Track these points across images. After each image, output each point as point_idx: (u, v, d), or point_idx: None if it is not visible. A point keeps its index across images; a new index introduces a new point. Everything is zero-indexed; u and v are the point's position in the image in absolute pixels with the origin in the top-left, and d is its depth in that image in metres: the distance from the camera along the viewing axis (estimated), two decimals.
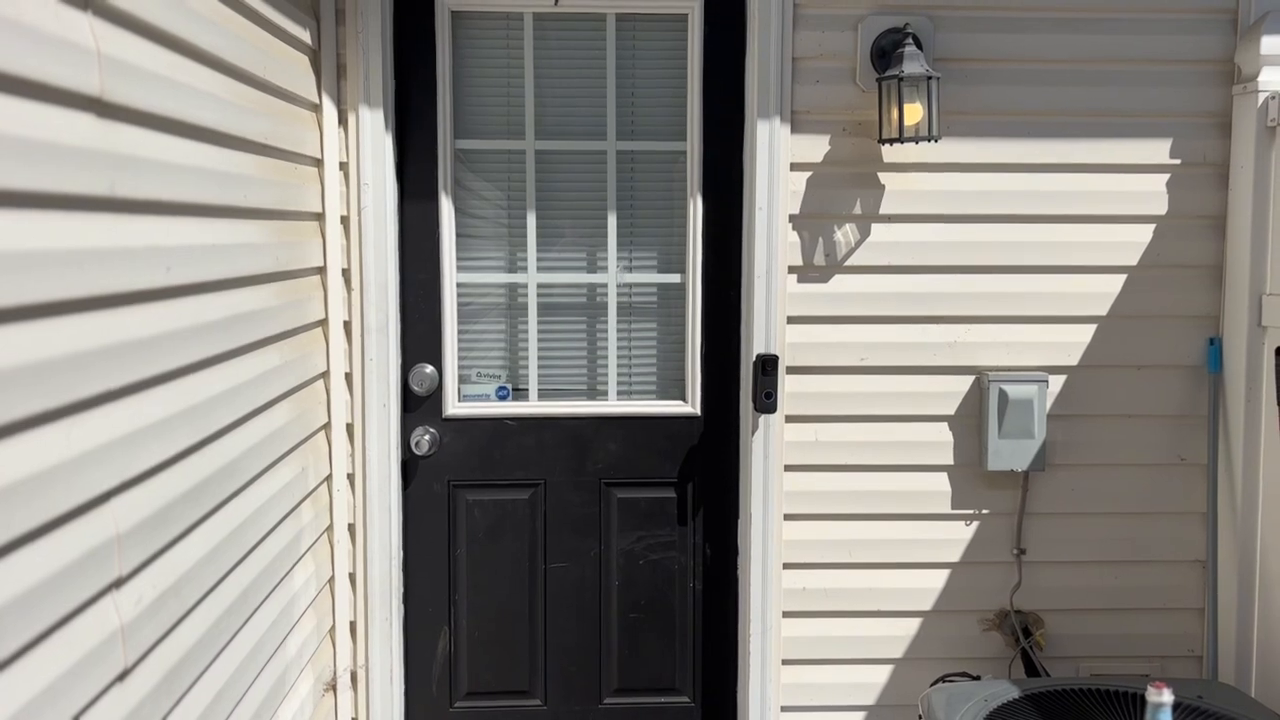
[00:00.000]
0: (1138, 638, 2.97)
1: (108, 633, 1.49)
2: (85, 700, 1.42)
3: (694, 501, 3.00)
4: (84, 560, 1.42)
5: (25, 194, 1.28)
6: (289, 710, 2.43)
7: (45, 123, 1.32)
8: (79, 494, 1.40)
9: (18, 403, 1.25)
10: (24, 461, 1.27)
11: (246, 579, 2.10)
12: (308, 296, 2.58)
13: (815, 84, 2.79)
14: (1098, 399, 2.90)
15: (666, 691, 3.04)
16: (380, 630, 2.85)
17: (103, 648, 1.47)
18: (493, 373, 2.97)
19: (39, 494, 1.30)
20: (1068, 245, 2.86)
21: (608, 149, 2.90)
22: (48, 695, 1.32)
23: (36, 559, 1.30)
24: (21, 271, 1.26)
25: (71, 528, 1.39)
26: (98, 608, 1.46)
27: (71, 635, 1.39)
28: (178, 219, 1.75)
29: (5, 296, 1.23)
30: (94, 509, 1.45)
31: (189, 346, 1.79)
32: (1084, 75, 2.81)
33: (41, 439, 1.31)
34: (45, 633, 1.32)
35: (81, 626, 1.41)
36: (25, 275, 1.27)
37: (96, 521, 1.46)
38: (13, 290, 1.24)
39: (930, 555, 2.93)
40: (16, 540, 1.26)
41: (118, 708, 1.52)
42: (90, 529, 1.44)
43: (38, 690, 1.30)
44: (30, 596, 1.28)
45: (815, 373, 2.87)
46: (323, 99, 2.69)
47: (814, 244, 2.83)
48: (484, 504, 2.96)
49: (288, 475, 2.40)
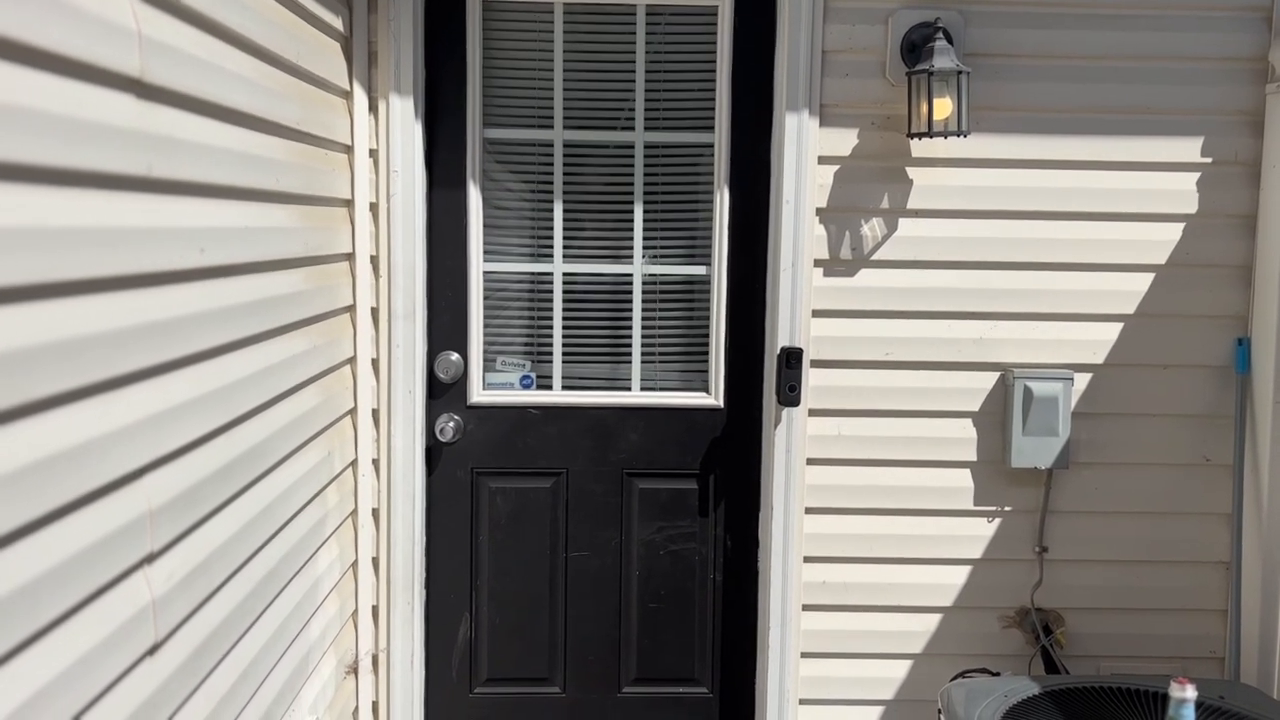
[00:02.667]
0: (1159, 638, 2.96)
1: (139, 607, 1.51)
2: (117, 672, 1.44)
3: (715, 493, 3.00)
4: (118, 535, 1.44)
5: (68, 172, 1.30)
6: (311, 691, 2.46)
7: (88, 102, 1.34)
8: (114, 469, 1.42)
9: (56, 378, 1.27)
10: (62, 436, 1.29)
11: (272, 560, 2.13)
12: (336, 282, 2.60)
13: (845, 77, 2.79)
14: (1123, 398, 2.89)
15: (685, 682, 3.05)
16: (402, 615, 2.88)
17: (135, 621, 1.49)
18: (517, 361, 2.99)
19: (76, 468, 1.32)
20: (1096, 243, 2.84)
21: (635, 140, 2.91)
22: (82, 665, 1.34)
23: (73, 532, 1.32)
24: (62, 248, 1.28)
25: (106, 502, 1.41)
26: (130, 582, 1.48)
27: (105, 608, 1.41)
28: (212, 201, 1.77)
29: (46, 272, 1.24)
30: (128, 485, 1.47)
31: (221, 328, 1.81)
32: (1115, 72, 2.80)
33: (79, 414, 1.33)
34: (80, 604, 1.34)
35: (115, 599, 1.44)
36: (65, 252, 1.29)
37: (130, 497, 1.48)
38: (53, 266, 1.26)
39: (951, 551, 2.93)
40: (54, 512, 1.28)
41: (148, 681, 1.54)
42: (124, 504, 1.46)
43: (72, 660, 1.32)
44: (67, 568, 1.31)
45: (839, 367, 2.86)
46: (354, 86, 2.70)
47: (840, 238, 2.83)
48: (506, 492, 2.98)
49: (314, 459, 2.42)
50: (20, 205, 1.19)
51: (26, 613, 1.22)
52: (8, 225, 1.17)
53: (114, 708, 1.44)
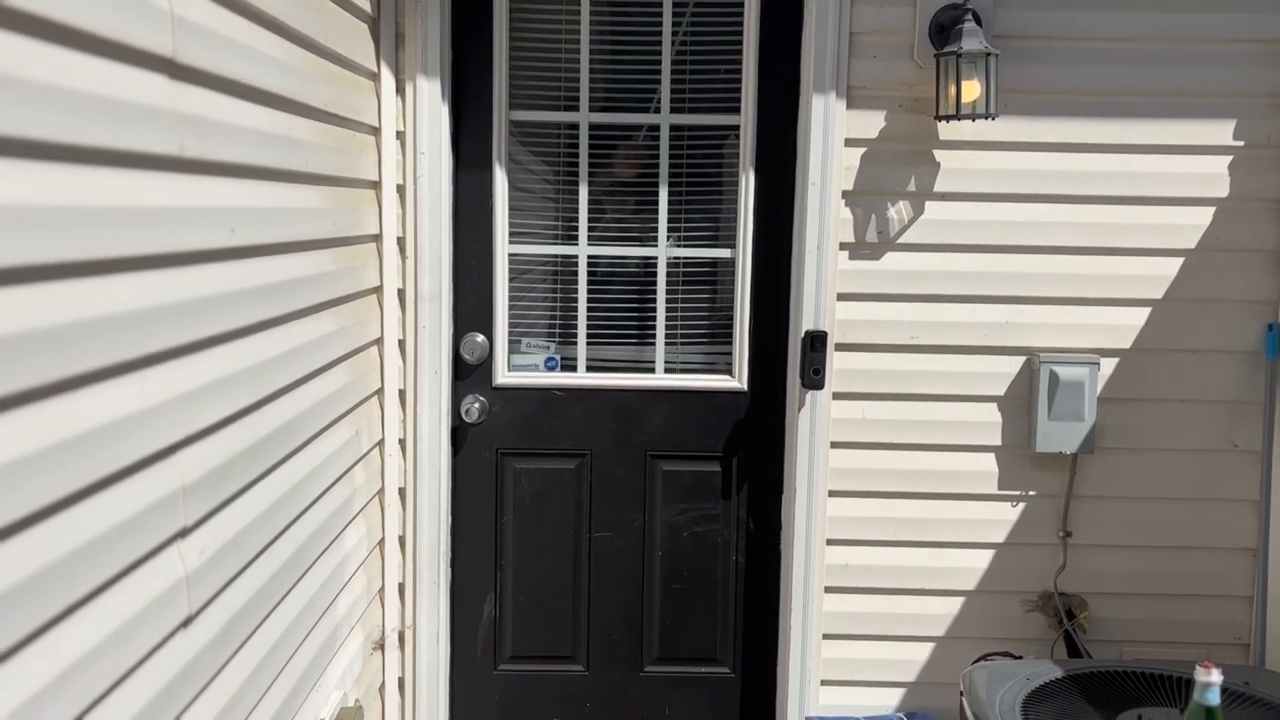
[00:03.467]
0: (1183, 624, 2.95)
1: (173, 580, 1.53)
2: (152, 644, 1.47)
3: (739, 476, 3.01)
4: (153, 510, 1.46)
5: (101, 151, 1.31)
6: (339, 666, 2.49)
7: (121, 82, 1.36)
8: (148, 445, 1.45)
9: (92, 355, 1.30)
10: (98, 412, 1.32)
11: (301, 537, 2.15)
12: (364, 263, 2.62)
13: (872, 59, 2.77)
14: (1150, 383, 2.88)
15: (707, 662, 3.07)
16: (428, 593, 2.91)
17: (169, 594, 1.52)
18: (542, 343, 3.00)
19: (112, 444, 1.35)
20: (1124, 227, 2.82)
21: (661, 122, 2.91)
22: (118, 636, 1.37)
23: (110, 506, 1.35)
24: (96, 227, 1.30)
25: (141, 477, 1.43)
26: (165, 555, 1.51)
27: (141, 581, 1.44)
28: (242, 181, 1.79)
29: (81, 251, 1.26)
30: (162, 460, 1.50)
31: (252, 307, 1.83)
32: (1146, 54, 2.77)
33: (114, 391, 1.36)
34: (117, 576, 1.37)
35: (150, 573, 1.46)
36: (99, 231, 1.31)
37: (164, 472, 1.50)
38: (88, 245, 1.28)
39: (975, 535, 2.93)
40: (92, 486, 1.30)
41: (181, 653, 1.57)
42: (158, 480, 1.48)
43: (110, 631, 1.35)
44: (104, 541, 1.33)
45: (864, 350, 2.86)
46: (381, 68, 2.72)
47: (866, 221, 2.82)
48: (531, 473, 3.00)
49: (342, 438, 2.44)
50: (56, 184, 1.21)
51: (66, 585, 1.24)
52: (44, 204, 1.19)
53: (150, 678, 1.47)
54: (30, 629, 1.18)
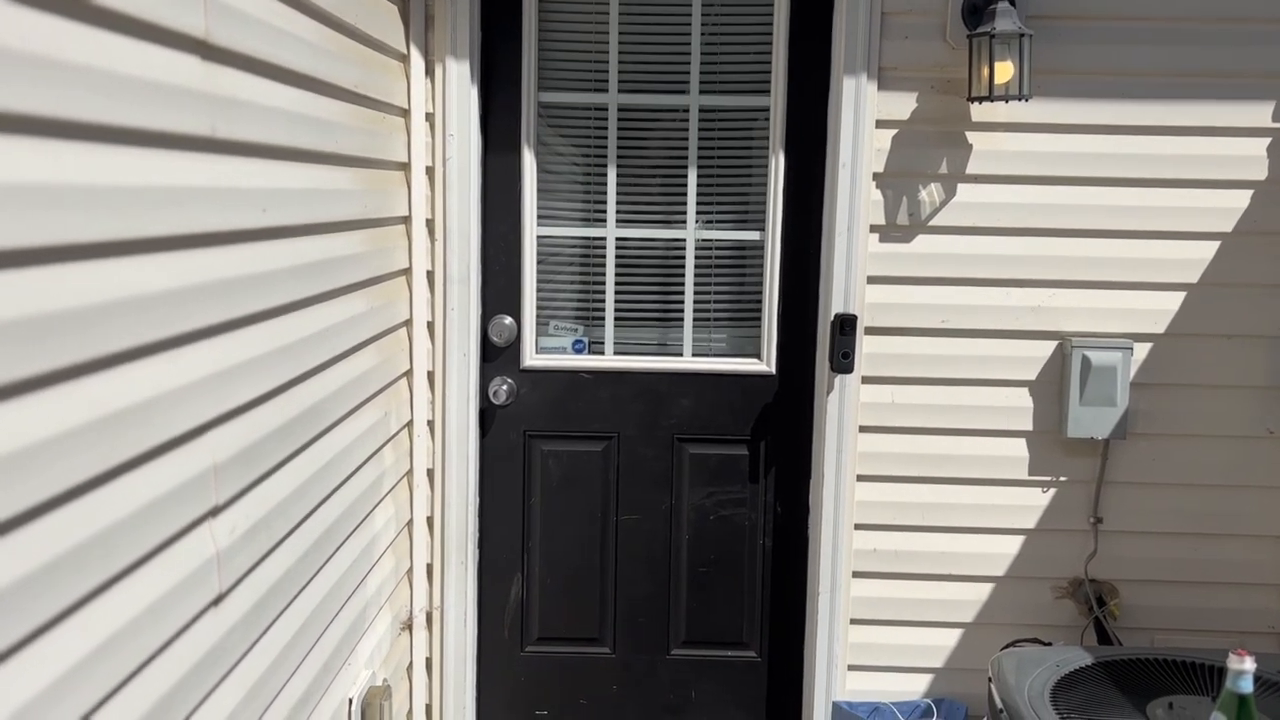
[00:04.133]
0: (1215, 612, 2.93)
1: (205, 558, 1.55)
2: (184, 621, 1.48)
3: (766, 459, 3.00)
4: (184, 487, 1.48)
5: (135, 131, 1.32)
6: (368, 646, 2.51)
7: (155, 63, 1.36)
8: (180, 424, 1.46)
9: (125, 334, 1.30)
10: (131, 391, 1.33)
11: (331, 517, 2.17)
12: (393, 245, 2.63)
13: (904, 40, 2.74)
14: (1184, 368, 2.84)
15: (734, 645, 3.07)
16: (455, 573, 2.92)
17: (200, 572, 1.53)
18: (570, 326, 3.00)
19: (145, 422, 1.36)
20: (1159, 210, 2.79)
21: (690, 104, 2.89)
22: (151, 613, 1.38)
23: (142, 484, 1.36)
24: (130, 207, 1.31)
25: (173, 456, 1.45)
26: (196, 534, 1.52)
27: (172, 559, 1.45)
28: (273, 162, 1.79)
29: (111, 231, 1.27)
30: (194, 439, 1.51)
31: (283, 287, 1.84)
32: (1181, 34, 2.73)
33: (147, 370, 1.37)
34: (150, 554, 1.38)
35: (182, 551, 1.48)
36: (133, 211, 1.32)
37: (196, 452, 1.51)
38: (118, 225, 1.29)
39: (1004, 521, 2.91)
40: (125, 464, 1.31)
41: (212, 631, 1.59)
42: (190, 459, 1.50)
43: (142, 608, 1.36)
44: (137, 518, 1.34)
45: (894, 334, 2.84)
46: (410, 49, 2.71)
47: (897, 203, 2.80)
48: (558, 455, 3.00)
49: (371, 419, 2.46)
50: (90, 165, 1.22)
51: (100, 562, 1.26)
52: (79, 184, 1.20)
53: (181, 655, 1.48)
54: (65, 605, 1.20)
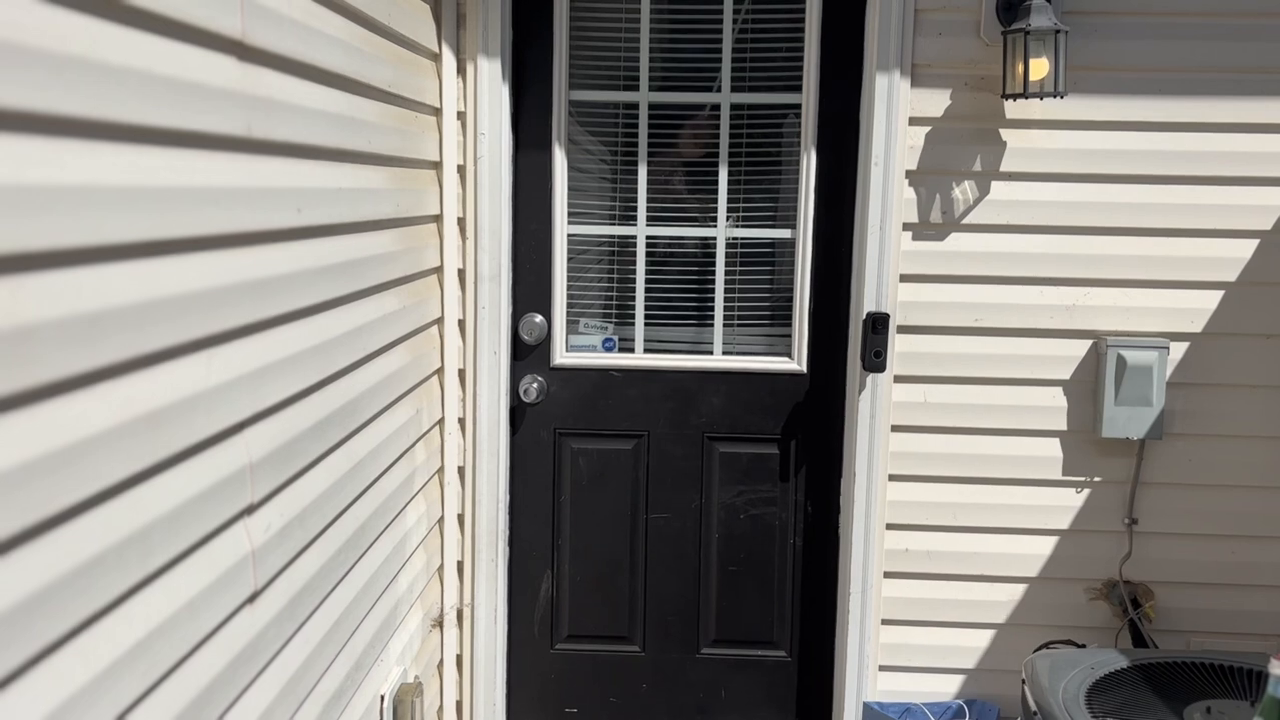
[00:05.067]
0: (1252, 614, 2.89)
1: (240, 556, 1.56)
2: (220, 618, 1.50)
3: (797, 458, 2.99)
4: (221, 485, 1.49)
5: (173, 132, 1.33)
6: (399, 642, 2.52)
7: (193, 64, 1.37)
8: (218, 422, 1.47)
9: (164, 333, 1.32)
10: (170, 389, 1.34)
11: (364, 514, 2.18)
12: (425, 243, 2.64)
13: (937, 36, 2.72)
14: (1221, 368, 2.81)
15: (763, 644, 3.06)
16: (486, 571, 2.93)
17: (236, 570, 1.54)
18: (600, 324, 3.00)
19: (183, 420, 1.37)
20: (1196, 208, 2.75)
21: (721, 101, 2.89)
22: (188, 610, 1.40)
23: (181, 482, 1.37)
24: (168, 207, 1.32)
25: (211, 454, 1.46)
26: (232, 532, 1.53)
27: (209, 555, 1.46)
28: (308, 162, 1.80)
29: (151, 230, 1.28)
30: (230, 437, 1.52)
31: (317, 286, 1.85)
32: (1218, 29, 2.69)
33: (185, 368, 1.38)
34: (186, 551, 1.39)
35: (218, 548, 1.49)
36: (171, 210, 1.33)
37: (232, 450, 1.53)
38: (160, 224, 1.30)
39: (1038, 521, 2.88)
40: (163, 463, 1.33)
41: (248, 628, 1.60)
42: (227, 456, 1.51)
43: (181, 604, 1.37)
44: (175, 516, 1.35)
45: (927, 332, 2.82)
46: (442, 48, 2.72)
47: (930, 201, 2.78)
48: (588, 453, 3.01)
49: (403, 417, 2.47)
50: (130, 165, 1.23)
51: (140, 558, 1.27)
52: (120, 184, 1.21)
53: (217, 652, 1.50)
54: (108, 600, 1.21)
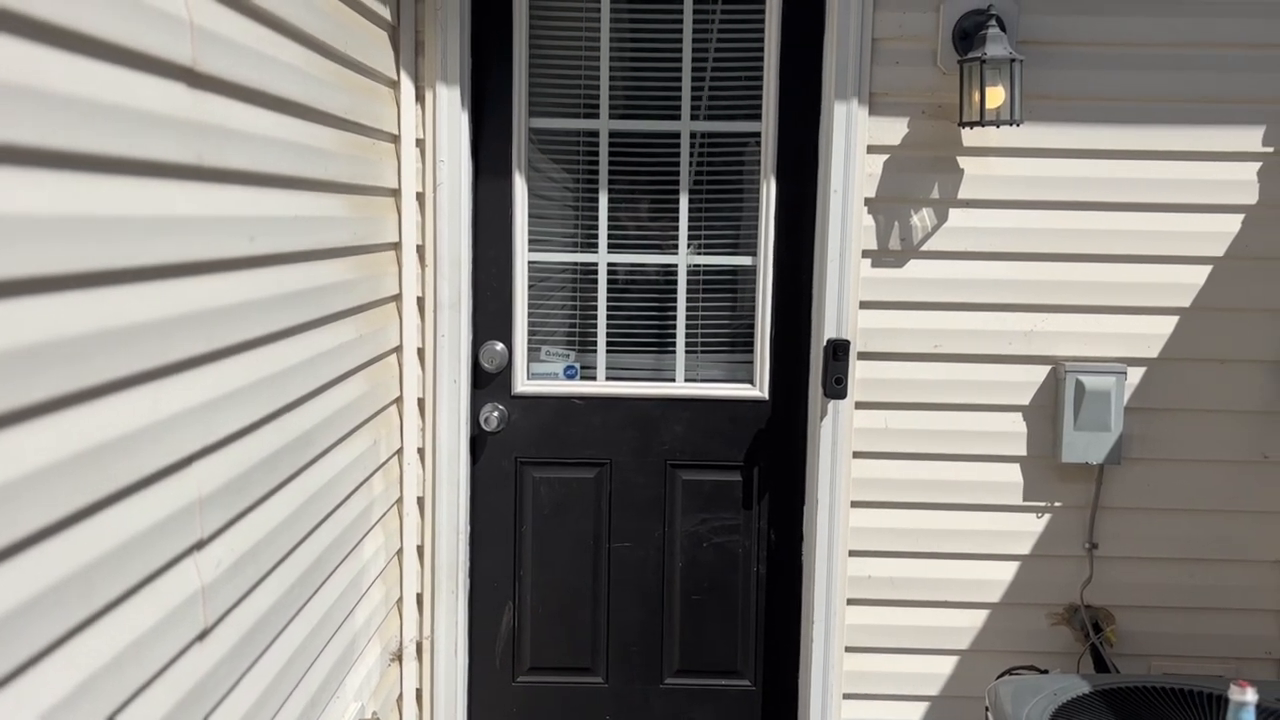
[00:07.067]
0: (1212, 638, 2.91)
1: (189, 593, 1.52)
2: (169, 656, 1.45)
3: (760, 486, 2.98)
4: (169, 521, 1.45)
5: (120, 160, 1.30)
6: (356, 678, 2.47)
7: (140, 92, 1.35)
8: (165, 456, 1.43)
9: (107, 366, 1.28)
10: (114, 423, 1.30)
11: (319, 548, 2.14)
12: (383, 271, 2.61)
13: (895, 65, 2.75)
14: (1178, 392, 2.83)
15: (728, 674, 3.04)
16: (446, 603, 2.89)
17: (185, 607, 1.50)
18: (561, 352, 2.98)
19: (128, 454, 1.33)
20: (1151, 234, 2.78)
21: (681, 129, 2.89)
22: (134, 648, 1.36)
23: (125, 518, 1.33)
24: (114, 237, 1.29)
25: (157, 489, 1.42)
26: (180, 568, 1.49)
27: (157, 593, 1.42)
28: (261, 190, 1.78)
29: (96, 260, 1.25)
30: (178, 472, 1.48)
31: (270, 316, 1.82)
32: (1173, 59, 2.73)
33: (131, 401, 1.34)
34: (133, 589, 1.35)
35: (166, 585, 1.45)
36: (117, 240, 1.30)
37: (180, 484, 1.49)
38: (103, 254, 1.27)
39: (999, 547, 2.89)
40: (108, 498, 1.29)
41: (198, 666, 1.56)
42: (174, 491, 1.47)
43: (126, 643, 1.33)
44: (120, 554, 1.32)
45: (887, 359, 2.83)
46: (400, 75, 2.71)
47: (889, 228, 2.79)
48: (550, 482, 2.98)
49: (360, 447, 2.43)
50: (74, 194, 1.20)
51: (83, 596, 1.23)
52: (62, 214, 1.18)
53: (165, 691, 1.45)
54: (49, 640, 1.17)
